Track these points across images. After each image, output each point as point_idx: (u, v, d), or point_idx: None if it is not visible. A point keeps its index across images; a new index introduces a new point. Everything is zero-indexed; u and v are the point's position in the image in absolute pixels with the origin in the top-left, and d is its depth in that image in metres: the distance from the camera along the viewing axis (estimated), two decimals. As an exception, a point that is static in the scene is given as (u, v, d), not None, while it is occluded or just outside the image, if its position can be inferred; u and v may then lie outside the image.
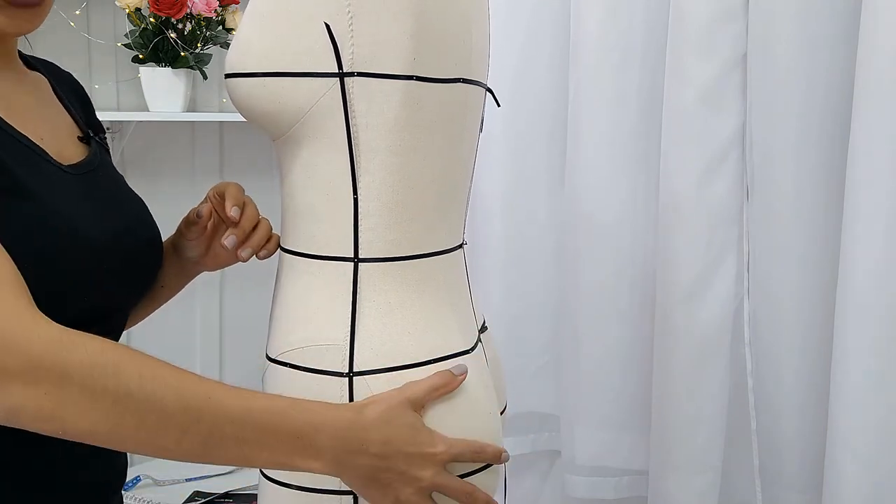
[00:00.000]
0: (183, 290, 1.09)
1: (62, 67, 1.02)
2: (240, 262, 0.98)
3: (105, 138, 0.98)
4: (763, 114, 1.39)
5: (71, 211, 0.81)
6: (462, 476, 0.86)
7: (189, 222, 0.99)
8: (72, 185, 0.84)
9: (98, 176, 0.89)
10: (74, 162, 0.87)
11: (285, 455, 0.75)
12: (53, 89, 0.95)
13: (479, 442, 0.84)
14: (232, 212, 0.91)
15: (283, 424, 0.75)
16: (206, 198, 0.98)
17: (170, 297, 1.07)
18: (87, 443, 0.71)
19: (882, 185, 1.19)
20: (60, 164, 0.84)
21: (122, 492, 1.01)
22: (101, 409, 0.69)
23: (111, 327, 0.92)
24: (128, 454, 1.00)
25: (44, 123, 0.87)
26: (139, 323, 1.08)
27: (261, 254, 0.95)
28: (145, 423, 0.70)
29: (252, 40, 0.82)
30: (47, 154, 0.82)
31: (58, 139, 0.88)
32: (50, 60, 1.00)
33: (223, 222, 0.97)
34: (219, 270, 1.06)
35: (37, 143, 0.82)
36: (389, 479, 0.78)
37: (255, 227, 0.95)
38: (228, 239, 0.92)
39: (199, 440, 0.72)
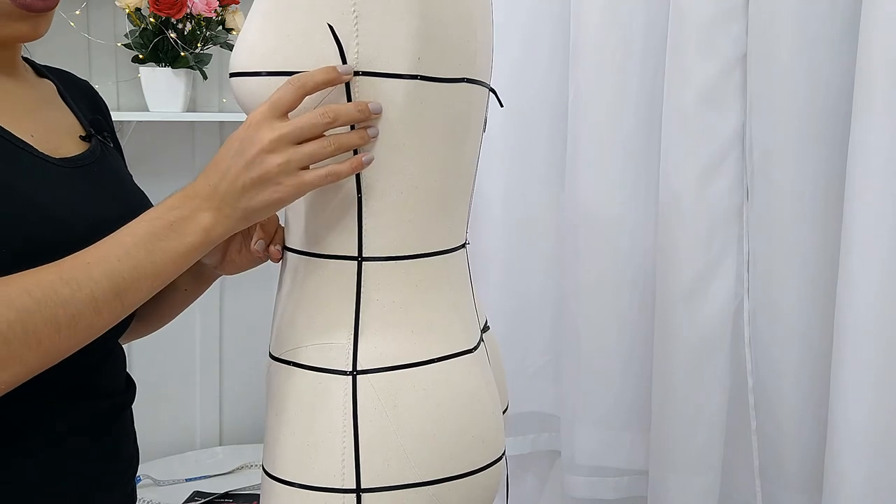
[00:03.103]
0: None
1: (78, 76, 1.06)
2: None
3: (108, 137, 0.99)
4: (763, 114, 1.39)
5: (49, 199, 0.83)
6: (460, 476, 0.86)
7: None
8: (57, 176, 0.86)
9: (93, 170, 0.91)
10: (69, 156, 0.89)
11: (177, 238, 0.78)
12: (61, 94, 0.98)
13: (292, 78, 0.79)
14: None
15: (156, 221, 0.78)
16: None
17: (193, 300, 1.09)
18: (32, 376, 0.74)
19: (882, 184, 1.19)
20: (48, 156, 0.86)
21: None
22: (17, 341, 0.71)
23: None
24: (138, 445, 1.01)
25: (39, 122, 0.89)
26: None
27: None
28: (59, 322, 0.73)
29: (256, 39, 0.82)
30: (31, 147, 0.85)
31: (54, 136, 0.90)
32: (64, 69, 1.04)
33: (238, 231, 0.98)
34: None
35: (22, 137, 0.84)
36: (256, 181, 0.78)
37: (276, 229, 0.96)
38: (258, 244, 0.94)
39: (112, 297, 0.76)
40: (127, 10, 1.83)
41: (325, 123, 0.79)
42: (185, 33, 1.87)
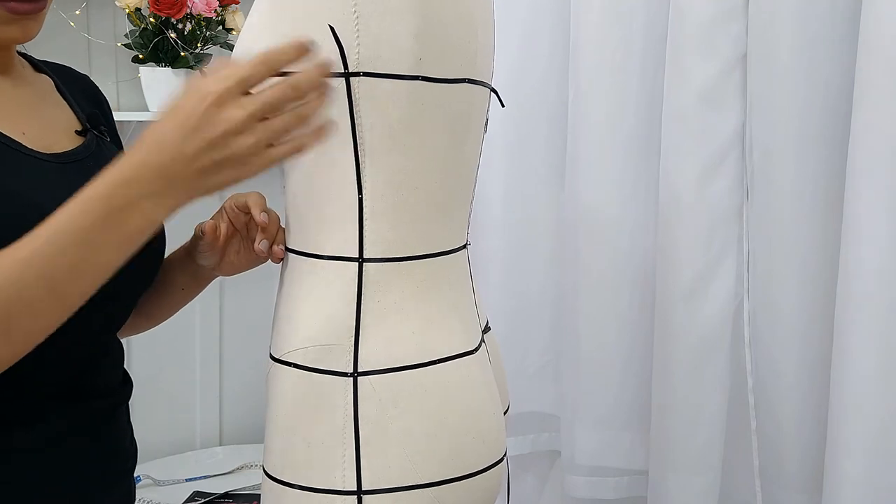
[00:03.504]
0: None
1: (77, 70, 1.05)
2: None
3: (105, 131, 0.98)
4: (763, 114, 1.39)
5: (40, 195, 0.82)
6: (461, 478, 0.86)
7: (195, 237, 1.01)
8: (48, 173, 0.85)
9: (87, 164, 0.90)
10: (61, 152, 0.89)
11: (115, 230, 0.71)
12: (59, 90, 0.97)
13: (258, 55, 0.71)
14: (262, 217, 0.92)
15: (89, 215, 0.71)
16: (220, 210, 0.99)
17: (191, 299, 1.08)
18: None
19: (882, 184, 1.19)
20: (40, 153, 0.86)
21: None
22: None
23: (110, 315, 0.92)
24: (135, 440, 1.01)
25: (33, 119, 0.89)
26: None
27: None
28: None
29: (256, 40, 0.82)
30: (20, 144, 0.84)
31: (49, 133, 0.90)
32: (63, 64, 1.03)
33: (237, 233, 0.99)
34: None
35: (13, 136, 0.84)
36: (220, 163, 0.70)
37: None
38: (262, 244, 0.93)
39: (50, 298, 0.71)
40: (127, 10, 1.83)
41: (292, 97, 0.72)
42: (185, 33, 1.86)
